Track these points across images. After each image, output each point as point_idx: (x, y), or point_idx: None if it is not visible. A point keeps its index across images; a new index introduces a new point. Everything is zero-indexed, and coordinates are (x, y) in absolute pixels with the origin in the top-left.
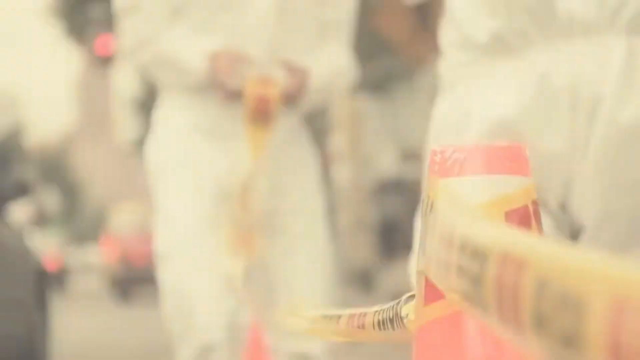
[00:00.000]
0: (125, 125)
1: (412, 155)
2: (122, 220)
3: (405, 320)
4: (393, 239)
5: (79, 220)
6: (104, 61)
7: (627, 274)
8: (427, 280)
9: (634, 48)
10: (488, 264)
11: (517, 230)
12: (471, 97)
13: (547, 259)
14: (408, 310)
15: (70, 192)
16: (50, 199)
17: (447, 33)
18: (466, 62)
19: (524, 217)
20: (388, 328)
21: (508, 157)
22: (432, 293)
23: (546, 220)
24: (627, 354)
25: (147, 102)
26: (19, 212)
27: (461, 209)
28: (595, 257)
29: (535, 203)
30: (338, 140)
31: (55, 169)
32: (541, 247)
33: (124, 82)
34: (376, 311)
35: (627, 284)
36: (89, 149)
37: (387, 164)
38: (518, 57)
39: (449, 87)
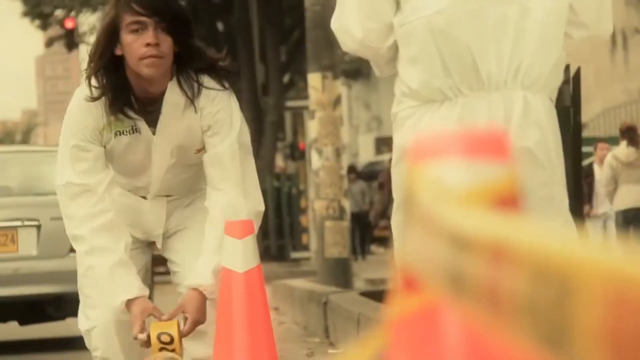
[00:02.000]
0: None
1: (390, 142)
2: None
3: None
4: (370, 227)
5: None
6: (68, 40)
7: (621, 263)
8: (406, 271)
9: (527, 99)
10: (475, 254)
11: (504, 218)
12: (414, 129)
13: (538, 249)
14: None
15: None
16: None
17: (399, 86)
18: (413, 107)
19: (509, 204)
20: None
21: (491, 144)
22: (410, 285)
23: None
24: (622, 343)
25: None
26: None
27: (444, 197)
28: (589, 245)
29: (519, 191)
30: (314, 126)
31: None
32: (531, 237)
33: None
34: None
35: (622, 273)
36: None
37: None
38: (449, 105)
39: (400, 123)
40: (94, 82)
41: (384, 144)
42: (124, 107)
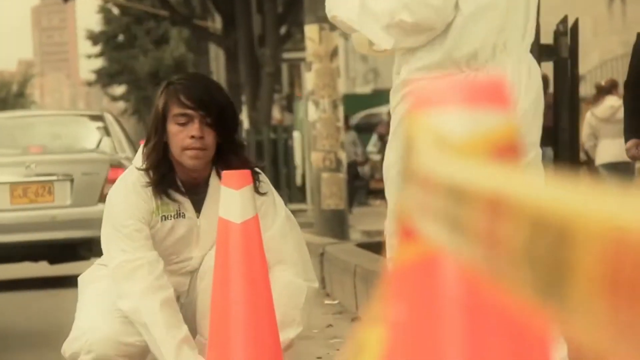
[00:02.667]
0: (84, 59)
1: (387, 95)
2: None
3: None
4: (360, 178)
5: None
6: None
7: (618, 211)
8: (405, 221)
9: (530, 62)
10: (473, 204)
11: (505, 168)
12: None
13: (536, 198)
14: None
15: None
16: None
17: (394, 96)
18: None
19: (508, 153)
20: None
21: (491, 93)
22: (409, 234)
23: None
24: (619, 291)
25: (108, 37)
26: None
27: (444, 145)
28: (586, 194)
29: (518, 139)
30: (311, 79)
31: (13, 100)
32: (529, 187)
33: (83, 15)
34: None
35: (619, 221)
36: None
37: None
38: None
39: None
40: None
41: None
42: (168, 189)
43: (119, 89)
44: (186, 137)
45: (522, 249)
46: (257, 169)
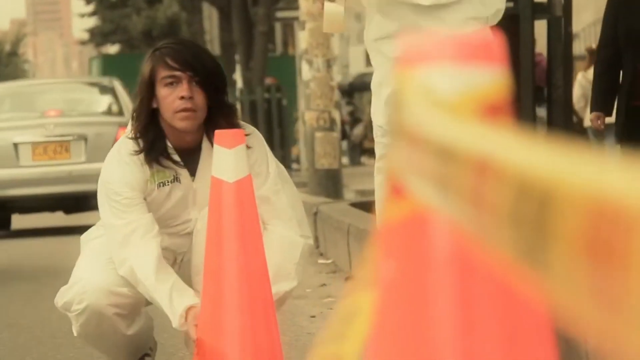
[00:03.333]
0: (77, 18)
1: None
2: None
3: None
4: (347, 137)
5: None
6: None
7: (604, 174)
8: (394, 178)
9: None
10: (461, 165)
11: (493, 129)
12: None
13: (524, 160)
14: None
15: None
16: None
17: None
18: None
19: (498, 111)
20: None
21: (481, 50)
22: (398, 192)
23: None
24: (599, 254)
25: None
26: None
27: (433, 103)
28: (572, 156)
29: (508, 97)
30: (304, 38)
31: (6, 60)
32: (518, 148)
33: None
34: None
35: (601, 185)
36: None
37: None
38: None
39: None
40: (138, 135)
41: None
42: (160, 157)
43: (112, 48)
44: (176, 99)
45: (506, 211)
46: (247, 130)
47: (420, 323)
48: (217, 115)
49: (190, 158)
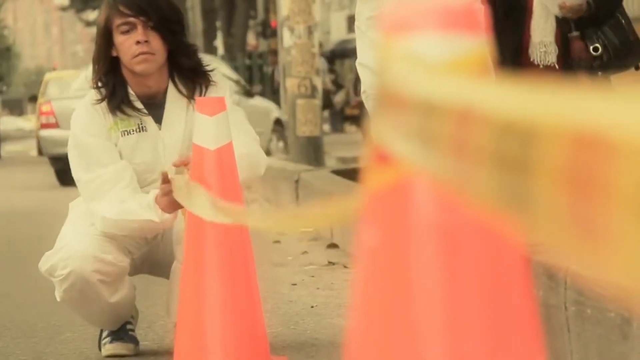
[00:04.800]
0: None
1: None
2: (59, 85)
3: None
4: (342, 106)
5: (12, 85)
6: None
7: (583, 109)
8: (378, 145)
9: None
10: (445, 117)
11: (474, 80)
12: None
13: (505, 102)
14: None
15: (3, 56)
16: None
17: None
18: None
19: (482, 74)
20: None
21: (464, 16)
22: (383, 159)
23: None
24: (582, 191)
25: None
26: None
27: (418, 68)
28: (551, 93)
29: (490, 64)
30: (286, 4)
31: None
32: (499, 91)
33: None
34: None
35: (583, 119)
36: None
37: (337, 28)
38: None
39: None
40: (100, 84)
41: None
42: (122, 105)
43: (93, 14)
44: (132, 44)
45: (489, 155)
46: (211, 67)
47: (403, 291)
48: (178, 57)
49: (156, 106)
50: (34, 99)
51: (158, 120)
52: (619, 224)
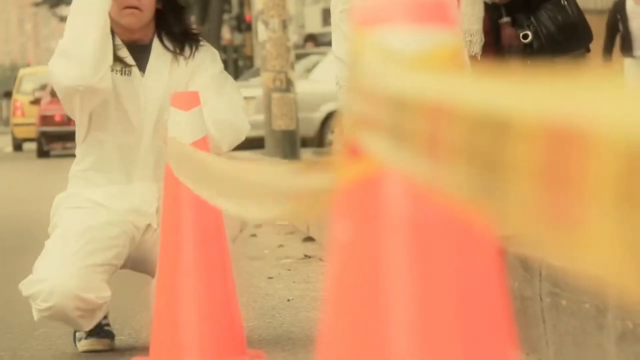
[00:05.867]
0: None
1: None
2: (34, 80)
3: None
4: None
5: None
6: None
7: (561, 104)
8: (348, 138)
9: None
10: (417, 113)
11: (446, 75)
12: None
13: (477, 95)
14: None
15: None
16: None
17: None
18: None
19: (454, 67)
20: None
21: (436, 9)
22: (354, 152)
23: None
24: (556, 177)
25: None
26: None
27: (390, 62)
28: (525, 85)
29: (462, 57)
30: None
31: None
32: (471, 85)
33: None
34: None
35: (562, 113)
36: None
37: (312, 21)
38: None
39: None
40: None
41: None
42: None
43: (67, 10)
44: None
45: (461, 149)
46: (196, 33)
47: (375, 285)
48: (168, 16)
49: (141, 55)
50: (8, 94)
51: (142, 68)
52: (594, 216)
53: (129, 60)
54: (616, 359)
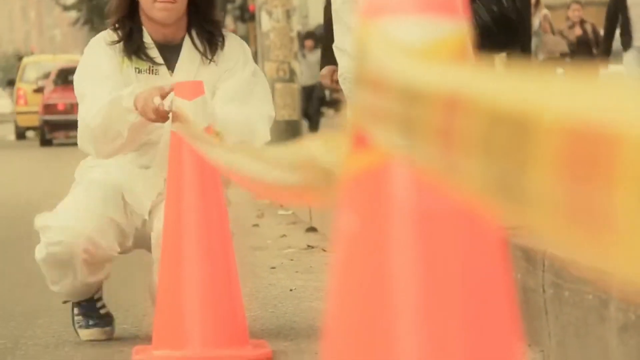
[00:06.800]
0: None
1: None
2: (37, 69)
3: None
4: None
5: None
6: None
7: (579, 101)
8: (355, 130)
9: None
10: (431, 104)
11: (460, 67)
12: None
13: (496, 90)
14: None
15: None
16: None
17: None
18: None
19: (461, 58)
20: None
21: (443, 1)
22: (359, 143)
23: None
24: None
25: None
26: None
27: (397, 52)
28: (545, 82)
29: (470, 48)
30: None
31: None
32: (489, 79)
33: None
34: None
35: (584, 109)
36: None
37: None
38: None
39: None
40: (117, 26)
41: None
42: (138, 50)
43: None
44: None
45: (479, 144)
46: (224, 31)
47: (380, 276)
48: (199, 10)
49: (170, 54)
50: (11, 83)
51: (171, 67)
52: (622, 213)
53: (158, 59)
54: (618, 351)
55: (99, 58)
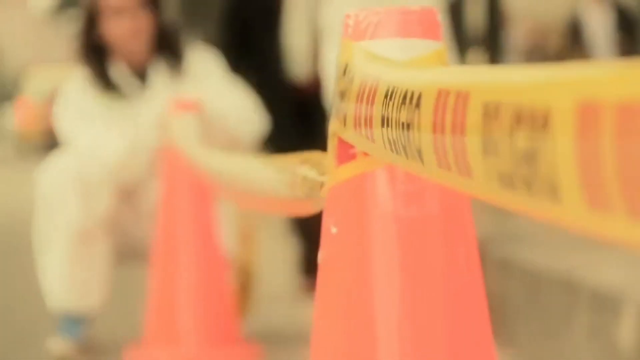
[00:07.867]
0: None
1: None
2: (38, 85)
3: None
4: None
5: None
6: None
7: (592, 76)
8: (339, 141)
9: None
10: (423, 104)
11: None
12: None
13: (492, 81)
14: (306, 172)
15: None
16: None
17: None
18: None
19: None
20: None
21: (422, 21)
22: (344, 154)
23: None
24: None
25: None
26: None
27: (381, 62)
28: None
29: (449, 61)
30: None
31: None
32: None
33: None
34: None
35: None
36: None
37: None
38: None
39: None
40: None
41: None
42: (108, 79)
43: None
44: (122, 22)
45: (476, 135)
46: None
47: (363, 281)
48: (164, 32)
49: (141, 77)
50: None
51: (142, 90)
52: None
53: (131, 86)
54: (588, 354)
55: (78, 95)
